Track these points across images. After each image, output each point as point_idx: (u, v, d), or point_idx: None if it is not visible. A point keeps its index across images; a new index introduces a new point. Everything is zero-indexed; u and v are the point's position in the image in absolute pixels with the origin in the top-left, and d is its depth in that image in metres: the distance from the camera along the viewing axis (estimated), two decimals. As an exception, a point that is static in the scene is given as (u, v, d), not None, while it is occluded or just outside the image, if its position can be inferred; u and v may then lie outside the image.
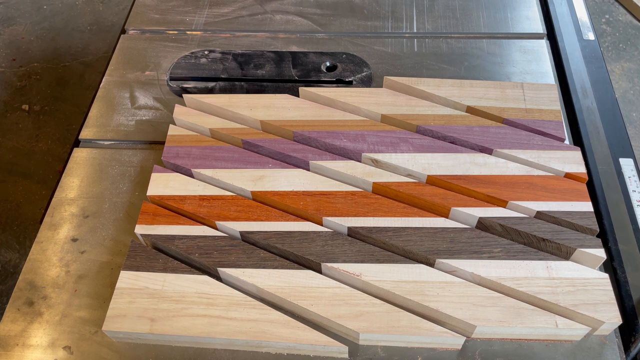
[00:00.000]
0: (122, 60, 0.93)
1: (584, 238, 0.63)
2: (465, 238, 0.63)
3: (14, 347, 0.61)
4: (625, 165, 0.76)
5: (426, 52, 0.92)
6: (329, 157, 0.72)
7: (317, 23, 0.98)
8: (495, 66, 0.89)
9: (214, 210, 0.67)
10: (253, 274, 0.61)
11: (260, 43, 0.95)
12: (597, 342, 0.60)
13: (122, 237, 0.70)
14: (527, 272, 0.60)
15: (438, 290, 0.59)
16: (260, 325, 0.58)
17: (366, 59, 0.91)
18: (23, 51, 1.98)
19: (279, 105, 0.78)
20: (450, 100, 0.78)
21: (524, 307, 0.58)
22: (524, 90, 0.79)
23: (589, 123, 0.81)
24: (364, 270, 0.61)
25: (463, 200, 0.66)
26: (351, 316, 0.58)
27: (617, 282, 0.65)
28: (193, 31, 0.98)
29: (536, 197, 0.66)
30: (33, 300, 0.64)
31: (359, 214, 0.65)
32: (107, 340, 0.61)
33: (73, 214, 0.72)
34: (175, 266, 0.62)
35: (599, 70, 0.88)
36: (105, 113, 0.85)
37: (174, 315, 0.59)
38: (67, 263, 0.67)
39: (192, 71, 0.90)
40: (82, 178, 0.77)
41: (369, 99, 0.78)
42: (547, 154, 0.71)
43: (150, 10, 1.02)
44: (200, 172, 0.71)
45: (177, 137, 0.75)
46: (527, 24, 0.96)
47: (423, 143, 0.73)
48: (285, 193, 0.68)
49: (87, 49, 1.99)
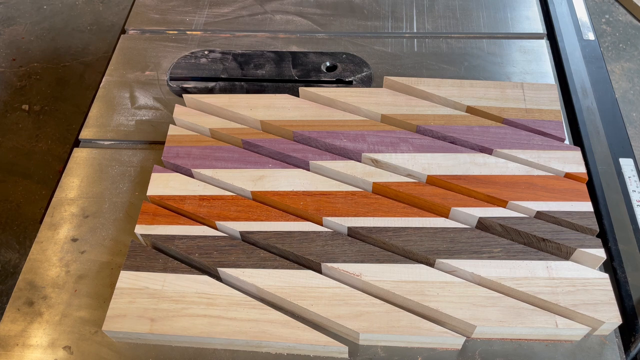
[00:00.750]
0: (122, 60, 0.93)
1: (584, 238, 0.63)
2: (465, 238, 0.63)
3: (14, 347, 0.61)
4: (625, 165, 0.76)
5: (426, 52, 0.92)
6: (329, 157, 0.72)
7: (317, 23, 0.98)
8: (495, 66, 0.89)
9: (214, 210, 0.67)
10: (253, 274, 0.61)
11: (260, 43, 0.95)
12: (597, 342, 0.60)
13: (122, 237, 0.70)
14: (527, 272, 0.60)
15: (438, 290, 0.59)
16: (260, 325, 0.58)
17: (366, 59, 0.91)
18: (23, 51, 1.98)
19: (279, 105, 0.78)
20: (450, 100, 0.78)
21: (524, 307, 0.58)
22: (524, 90, 0.79)
23: (589, 123, 0.81)
24: (364, 270, 0.61)
25: (463, 200, 0.66)
26: (351, 316, 0.58)
27: (617, 282, 0.65)
28: (193, 31, 0.98)
29: (536, 197, 0.66)
30: (33, 300, 0.64)
31: (359, 214, 0.65)
32: (107, 340, 0.61)
33: (73, 214, 0.72)
34: (175, 266, 0.63)
35: (599, 70, 0.88)
36: (105, 113, 0.85)
37: (174, 315, 0.59)
38: (67, 263, 0.67)
39: (192, 71, 0.90)
40: (82, 178, 0.77)
41: (369, 99, 0.78)
42: (547, 154, 0.71)
43: (150, 10, 1.02)
44: (200, 172, 0.71)
45: (177, 137, 0.75)
46: (527, 24, 0.96)
47: (423, 143, 0.73)
48: (285, 193, 0.68)
49: (87, 49, 1.99)
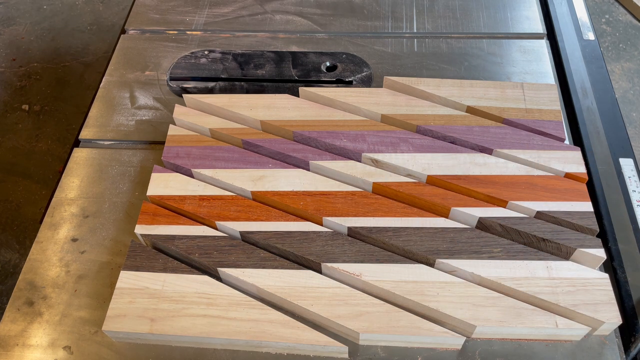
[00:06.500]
0: (122, 60, 0.93)
1: (584, 238, 0.63)
2: (465, 238, 0.63)
3: (14, 347, 0.61)
4: (625, 165, 0.76)
5: (426, 52, 0.92)
6: (329, 157, 0.72)
7: (317, 23, 0.98)
8: (495, 66, 0.89)
9: (214, 210, 0.67)
10: (253, 274, 0.61)
11: (260, 43, 0.95)
12: (597, 342, 0.60)
13: (122, 237, 0.70)
14: (527, 272, 0.60)
15: (438, 290, 0.59)
16: (260, 325, 0.58)
17: (366, 59, 0.91)
18: (23, 51, 1.98)
19: (279, 105, 0.78)
20: (450, 100, 0.78)
21: (524, 307, 0.58)
22: (524, 90, 0.79)
23: (589, 123, 0.81)
24: (364, 270, 0.61)
25: (463, 200, 0.66)
26: (351, 316, 0.58)
27: (617, 282, 0.65)
28: (193, 31, 0.98)
29: (536, 197, 0.66)
30: (33, 300, 0.64)
31: (359, 214, 0.65)
32: (107, 340, 0.61)
33: (73, 214, 0.72)
34: (175, 266, 0.62)
35: (599, 70, 0.88)
36: (105, 113, 0.85)
37: (174, 315, 0.59)
38: (67, 263, 0.67)
39: (192, 71, 0.90)
40: (82, 178, 0.77)
41: (369, 99, 0.78)
42: (547, 154, 0.71)
43: (150, 10, 1.02)
44: (200, 172, 0.71)
45: (177, 137, 0.75)
46: (527, 24, 0.96)
47: (423, 143, 0.73)
48: (285, 193, 0.68)
49: (87, 49, 1.99)
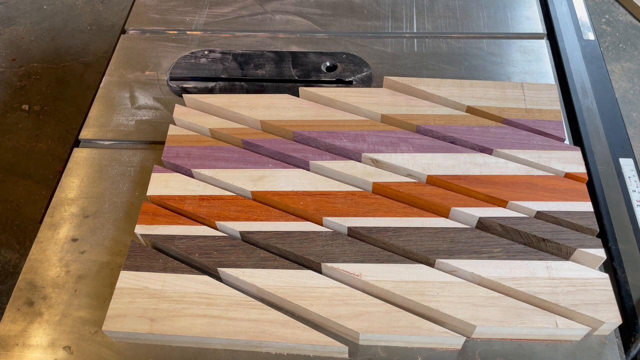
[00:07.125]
0: (122, 60, 0.93)
1: (584, 238, 0.63)
2: (465, 238, 0.63)
3: (14, 347, 0.61)
4: (625, 165, 0.76)
5: (426, 52, 0.92)
6: (329, 157, 0.72)
7: (317, 23, 0.98)
8: (495, 66, 0.89)
9: (214, 210, 0.67)
10: (253, 274, 0.61)
11: (260, 43, 0.95)
12: (597, 342, 0.60)
13: (122, 237, 0.70)
14: (527, 272, 0.60)
15: (438, 290, 0.59)
16: (260, 325, 0.58)
17: (366, 59, 0.91)
18: (23, 51, 1.98)
19: (279, 105, 0.78)
20: (450, 100, 0.78)
21: (524, 307, 0.58)
22: (524, 90, 0.79)
23: (589, 123, 0.81)
24: (364, 270, 0.61)
25: (463, 200, 0.66)
26: (351, 316, 0.58)
27: (617, 282, 0.65)
28: (193, 31, 0.98)
29: (536, 197, 0.66)
30: (33, 300, 0.64)
31: (359, 214, 0.65)
32: (107, 340, 0.61)
33: (73, 214, 0.72)
34: (175, 266, 0.62)
35: (599, 70, 0.88)
36: (105, 113, 0.85)
37: (174, 315, 0.59)
38: (67, 263, 0.67)
39: (192, 71, 0.90)
40: (82, 178, 0.77)
41: (369, 99, 0.78)
42: (547, 154, 0.71)
43: (150, 10, 1.02)
44: (200, 172, 0.71)
45: (177, 137, 0.75)
46: (527, 24, 0.96)
47: (423, 143, 0.73)
48: (285, 193, 0.68)
49: (87, 49, 1.99)
